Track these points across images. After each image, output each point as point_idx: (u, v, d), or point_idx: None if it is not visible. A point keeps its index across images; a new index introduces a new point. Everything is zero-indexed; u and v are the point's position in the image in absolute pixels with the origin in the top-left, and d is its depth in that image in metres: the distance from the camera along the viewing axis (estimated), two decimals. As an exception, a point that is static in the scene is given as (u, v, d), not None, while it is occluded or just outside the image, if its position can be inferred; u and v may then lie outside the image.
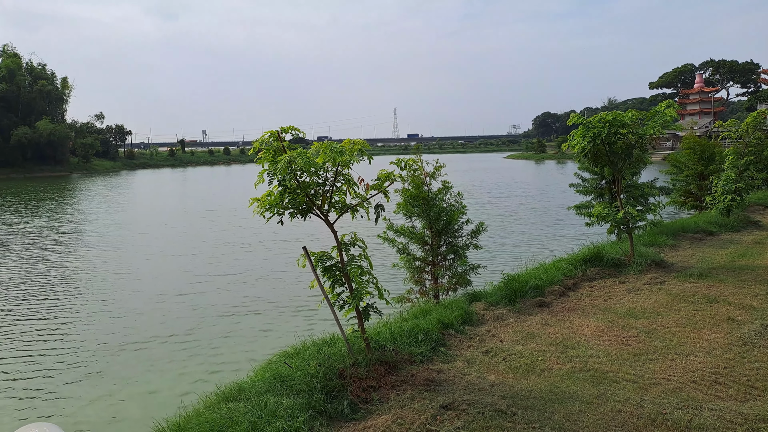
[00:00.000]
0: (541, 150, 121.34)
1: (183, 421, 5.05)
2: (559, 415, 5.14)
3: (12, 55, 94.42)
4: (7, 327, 12.29)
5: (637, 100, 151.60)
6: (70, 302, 14.17)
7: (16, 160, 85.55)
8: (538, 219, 27.84)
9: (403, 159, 6.21)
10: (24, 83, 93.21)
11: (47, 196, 47.98)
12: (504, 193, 42.09)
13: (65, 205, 39.93)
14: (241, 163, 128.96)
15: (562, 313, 8.39)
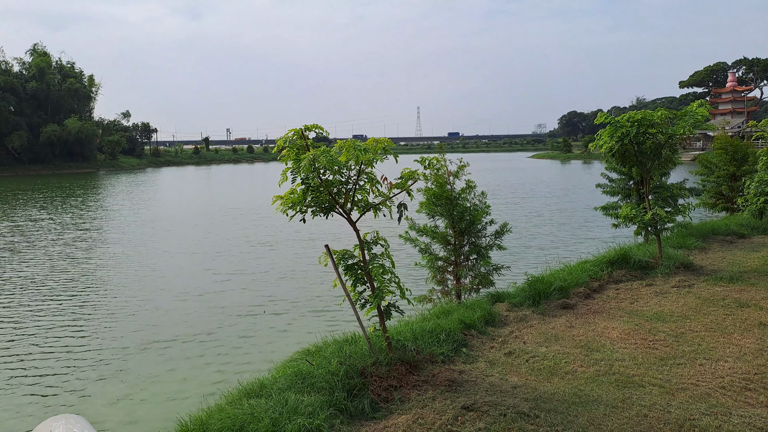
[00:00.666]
0: (567, 149, 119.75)
1: (205, 416, 5.11)
2: (583, 419, 5.05)
3: (42, 54, 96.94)
4: (31, 323, 12.60)
5: (667, 99, 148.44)
6: (94, 299, 14.46)
7: (45, 156, 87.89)
8: (565, 220, 27.43)
9: (427, 158, 6.17)
10: (53, 81, 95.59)
11: (72, 192, 49.11)
12: (529, 194, 41.59)
13: (90, 202, 40.83)
14: (264, 161, 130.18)
15: (587, 316, 8.25)
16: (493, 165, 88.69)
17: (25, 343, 11.30)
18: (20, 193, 48.45)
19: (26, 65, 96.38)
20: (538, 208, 32.53)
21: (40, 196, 45.95)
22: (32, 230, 26.65)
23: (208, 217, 30.95)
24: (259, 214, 31.76)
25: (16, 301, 14.26)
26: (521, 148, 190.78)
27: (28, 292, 15.34)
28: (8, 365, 10.22)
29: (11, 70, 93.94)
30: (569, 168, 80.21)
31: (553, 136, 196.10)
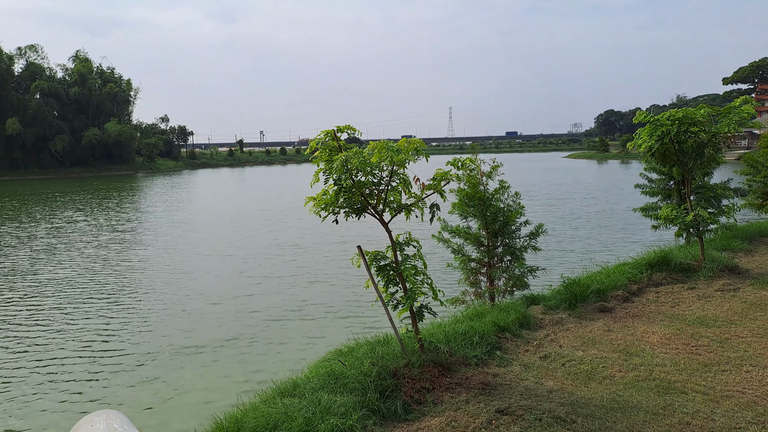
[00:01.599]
0: (604, 149, 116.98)
1: (240, 414, 5.18)
2: (622, 425, 4.91)
3: (84, 60, 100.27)
4: (66, 325, 12.96)
5: (709, 96, 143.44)
6: (128, 302, 14.60)
7: (86, 159, 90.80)
8: (603, 222, 26.75)
9: (460, 159, 6.12)
10: (94, 86, 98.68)
11: (109, 194, 50.49)
12: (566, 195, 40.74)
13: (126, 204, 41.90)
14: (297, 162, 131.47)
15: (626, 319, 8.03)
16: (527, 165, 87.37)
17: (61, 343, 11.64)
18: (59, 195, 50.21)
19: (69, 71, 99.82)
20: (575, 210, 31.88)
21: (78, 197, 47.43)
22: (69, 232, 27.48)
23: (241, 219, 31.41)
24: (291, 216, 32.10)
25: (50, 303, 14.65)
26: (556, 147, 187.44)
27: (63, 294, 15.83)
28: (47, 365, 10.57)
29: (55, 76, 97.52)
30: (606, 168, 78.38)
31: (589, 136, 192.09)
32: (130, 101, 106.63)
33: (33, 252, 22.34)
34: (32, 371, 10.20)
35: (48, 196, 49.72)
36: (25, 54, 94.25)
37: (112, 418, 4.66)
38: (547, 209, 31.99)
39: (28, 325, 12.84)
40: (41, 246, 23.57)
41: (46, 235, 26.61)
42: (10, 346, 11.50)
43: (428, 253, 6.93)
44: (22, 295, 15.60)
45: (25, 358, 10.85)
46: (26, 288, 16.41)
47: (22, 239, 25.59)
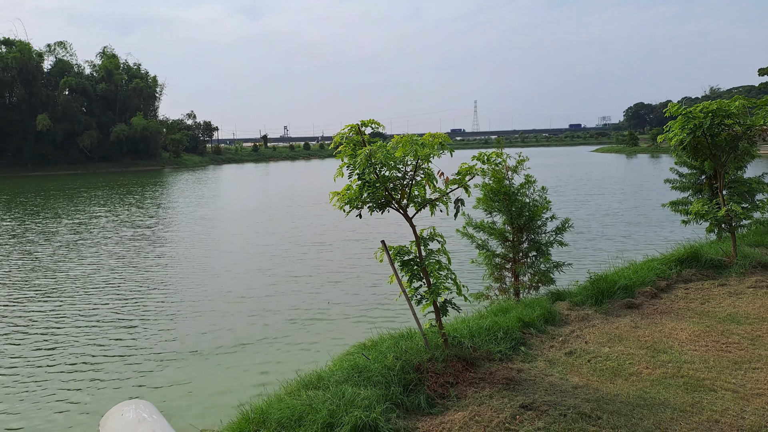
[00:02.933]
0: (633, 143, 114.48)
1: (265, 406, 5.27)
2: (649, 422, 4.84)
3: (110, 56, 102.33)
4: (93, 321, 13.28)
5: (744, 88, 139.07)
6: (154, 299, 14.77)
7: (114, 155, 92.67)
8: (632, 218, 26.24)
9: (485, 153, 6.09)
10: (121, 82, 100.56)
11: (133, 189, 51.47)
12: (594, 190, 40.05)
13: (150, 200, 42.65)
14: (320, 158, 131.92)
15: (654, 316, 7.89)
16: (554, 160, 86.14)
17: (90, 338, 11.94)
18: (84, 190, 51.40)
19: (96, 67, 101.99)
20: (602, 205, 31.36)
21: (100, 193, 48.42)
22: (93, 228, 28.04)
23: (265, 215, 31.73)
24: (314, 212, 32.33)
25: (80, 298, 14.93)
26: (584, 141, 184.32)
27: (91, 290, 16.26)
28: (77, 359, 10.90)
29: (83, 72, 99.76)
30: (636, 162, 76.77)
31: (618, 129, 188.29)
32: (156, 97, 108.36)
33: (62, 248, 22.99)
34: (63, 364, 10.53)
35: (76, 191, 50.93)
36: (54, 51, 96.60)
37: (141, 407, 4.80)
38: (574, 205, 31.55)
39: (57, 321, 13.24)
40: (70, 242, 24.21)
41: (68, 232, 27.23)
42: (40, 341, 11.87)
43: (452, 248, 6.91)
44: (50, 291, 16.08)
45: (55, 352, 11.21)
46: (53, 284, 16.91)
47: (48, 235, 26.34)
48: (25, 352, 10.97)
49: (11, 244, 23.16)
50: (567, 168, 66.26)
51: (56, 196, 45.72)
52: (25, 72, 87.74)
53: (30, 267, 18.93)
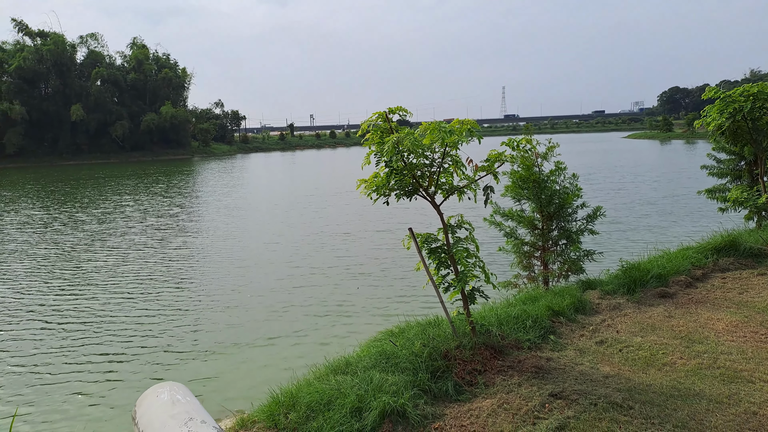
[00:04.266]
0: (668, 128, 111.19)
1: (295, 389, 5.34)
2: (683, 413, 4.74)
3: (140, 47, 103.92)
4: (126, 310, 13.64)
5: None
6: (179, 290, 14.94)
7: (145, 144, 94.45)
8: (667, 206, 25.57)
9: (515, 139, 5.99)
10: (151, 72, 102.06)
11: (156, 179, 52.32)
12: (627, 177, 39.03)
13: (178, 189, 43.34)
14: (346, 146, 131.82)
15: (689, 305, 7.70)
16: (585, 147, 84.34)
17: (125, 326, 12.29)
18: (112, 179, 52.50)
19: (127, 58, 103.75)
20: (635, 193, 30.65)
21: (129, 182, 49.33)
22: (119, 217, 28.56)
23: (292, 204, 31.92)
24: (339, 201, 32.43)
25: (98, 291, 15.10)
26: (615, 127, 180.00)
27: (123, 278, 16.65)
28: (111, 346, 11.23)
29: (114, 63, 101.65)
30: (669, 149, 74.66)
31: (651, 115, 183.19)
32: (185, 87, 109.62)
33: (88, 237, 23.62)
34: (99, 351, 10.86)
35: (106, 179, 52.11)
36: (86, 42, 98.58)
37: (175, 389, 4.92)
38: (605, 193, 30.91)
39: (85, 312, 13.64)
40: (95, 231, 24.83)
41: (92, 220, 27.84)
42: (74, 330, 12.25)
43: (480, 237, 6.85)
44: (76, 281, 16.55)
45: (84, 341, 11.55)
46: (81, 274, 17.39)
47: (76, 224, 27.07)
48: (54, 342, 11.33)
49: (40, 233, 23.80)
50: (598, 155, 64.87)
51: (85, 185, 46.87)
52: (60, 63, 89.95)
53: (58, 256, 19.51)
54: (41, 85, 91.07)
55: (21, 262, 18.28)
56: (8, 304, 13.69)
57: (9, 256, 19.42)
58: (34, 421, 8.02)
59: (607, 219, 12.60)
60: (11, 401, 8.57)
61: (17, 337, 11.35)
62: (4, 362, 10.05)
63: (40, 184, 48.72)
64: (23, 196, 39.35)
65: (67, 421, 7.90)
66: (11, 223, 27.03)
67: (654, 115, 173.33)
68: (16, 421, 7.98)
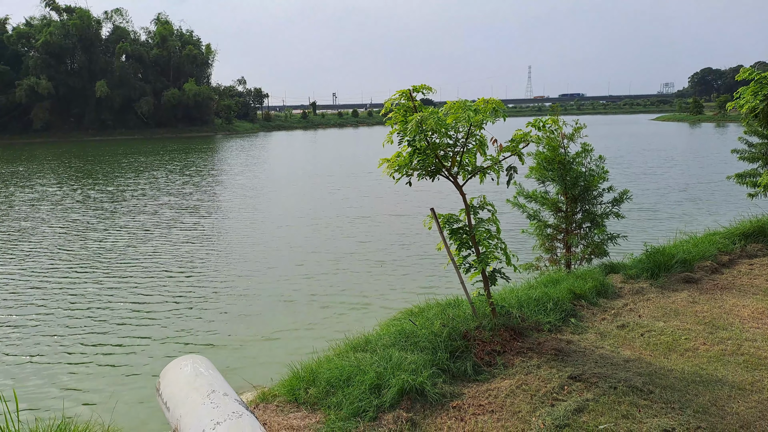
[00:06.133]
0: (698, 111, 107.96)
1: (315, 365, 5.42)
2: (704, 399, 4.70)
3: (164, 23, 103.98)
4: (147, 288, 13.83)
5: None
6: (197, 272, 14.75)
7: (169, 121, 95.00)
8: (694, 190, 24.98)
9: (541, 119, 5.89)
10: (174, 48, 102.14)
11: (174, 156, 52.82)
12: (654, 161, 38.04)
13: (200, 167, 43.68)
14: (368, 125, 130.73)
15: (714, 291, 7.58)
16: (612, 130, 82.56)
17: (146, 304, 12.54)
18: (132, 155, 53.19)
19: (151, 34, 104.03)
20: (662, 177, 30.00)
21: (148, 159, 49.89)
22: (140, 194, 28.97)
23: (309, 185, 31.86)
24: (359, 182, 32.39)
25: (114, 270, 15.14)
26: (644, 109, 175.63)
27: (149, 256, 16.96)
28: (127, 321, 11.49)
29: (138, 39, 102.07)
30: (699, 132, 72.72)
31: (681, 96, 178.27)
32: (208, 64, 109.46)
33: (106, 215, 24.04)
34: (123, 324, 11.13)
35: (128, 155, 52.78)
36: (111, 18, 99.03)
37: (198, 362, 5.02)
38: (632, 176, 30.32)
39: (105, 290, 13.96)
40: (108, 209, 25.23)
41: (118, 198, 28.25)
42: (99, 308, 12.55)
43: (502, 218, 6.81)
44: (93, 261, 16.90)
45: (106, 317, 11.85)
46: (104, 254, 17.74)
47: (92, 202, 27.56)
48: (81, 318, 11.63)
49: (56, 211, 24.20)
50: (625, 138, 63.51)
51: (110, 162, 47.47)
52: (85, 39, 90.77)
53: (76, 235, 19.94)
54: (67, 60, 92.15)
55: (42, 237, 18.77)
56: (33, 279, 14.10)
57: (36, 229, 19.94)
58: (62, 391, 8.29)
59: (633, 203, 12.38)
60: (37, 373, 8.85)
61: (46, 312, 11.70)
62: (31, 335, 10.36)
63: (59, 160, 49.58)
64: (38, 172, 39.90)
65: (94, 393, 8.15)
66: (26, 199, 27.68)
67: (684, 97, 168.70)
68: (44, 393, 8.26)
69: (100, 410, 7.34)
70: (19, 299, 12.25)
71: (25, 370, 8.84)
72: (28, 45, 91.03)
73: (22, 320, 11.00)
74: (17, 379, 8.56)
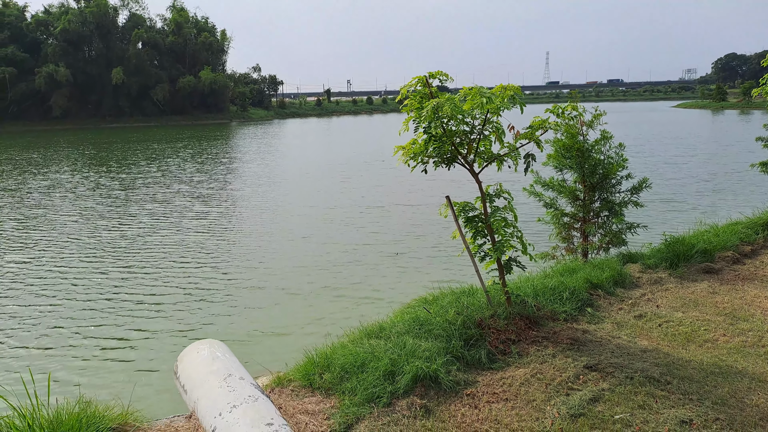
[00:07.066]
0: (721, 98, 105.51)
1: (330, 351, 5.44)
2: (723, 390, 4.63)
3: (179, 10, 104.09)
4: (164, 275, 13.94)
5: None
6: (210, 261, 14.73)
7: (185, 108, 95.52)
8: (717, 180, 24.49)
9: (560, 106, 5.78)
10: (190, 35, 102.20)
11: (186, 144, 53.09)
12: (675, 150, 37.33)
13: (215, 155, 43.86)
14: (383, 112, 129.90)
15: (735, 282, 7.45)
16: (631, 117, 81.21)
17: (163, 290, 12.70)
18: (142, 143, 53.64)
19: (166, 21, 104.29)
20: (683, 166, 29.46)
21: (178, 145, 50.22)
22: (152, 183, 29.22)
23: (322, 173, 31.73)
24: (371, 170, 32.30)
25: (132, 258, 15.56)
26: (664, 96, 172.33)
27: (166, 243, 17.12)
28: (143, 304, 11.64)
29: (154, 26, 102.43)
30: (722, 119, 71.17)
31: (704, 83, 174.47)
32: (224, 51, 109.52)
33: (118, 203, 24.30)
34: (140, 307, 11.29)
35: (143, 143, 53.25)
36: (128, 5, 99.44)
37: (215, 346, 5.08)
38: (652, 165, 29.83)
39: (123, 277, 14.13)
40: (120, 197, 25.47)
41: (134, 185, 28.41)
42: (111, 297, 12.72)
43: (518, 207, 6.74)
44: (107, 247, 17.10)
45: (132, 299, 12.01)
46: (122, 241, 17.96)
47: (106, 189, 27.86)
48: (100, 301, 11.80)
49: (68, 199, 24.38)
50: (645, 126, 62.44)
51: (123, 149, 47.87)
52: (102, 26, 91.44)
53: (87, 223, 20.19)
54: (85, 47, 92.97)
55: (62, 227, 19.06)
56: (42, 268, 14.35)
57: (46, 217, 20.27)
58: (81, 374, 8.45)
59: (652, 192, 12.18)
60: (56, 356, 9.01)
61: (67, 297, 11.91)
62: (49, 320, 10.53)
63: (74, 147, 50.14)
64: (54, 159, 40.32)
65: (110, 379, 8.28)
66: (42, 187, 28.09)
67: (707, 83, 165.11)
68: (65, 375, 8.42)
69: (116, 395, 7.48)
70: (28, 289, 12.39)
71: (37, 360, 8.89)
72: (46, 32, 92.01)
73: (33, 309, 11.10)
74: (33, 370, 8.56)
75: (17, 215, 20.27)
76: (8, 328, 10.09)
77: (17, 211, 21.08)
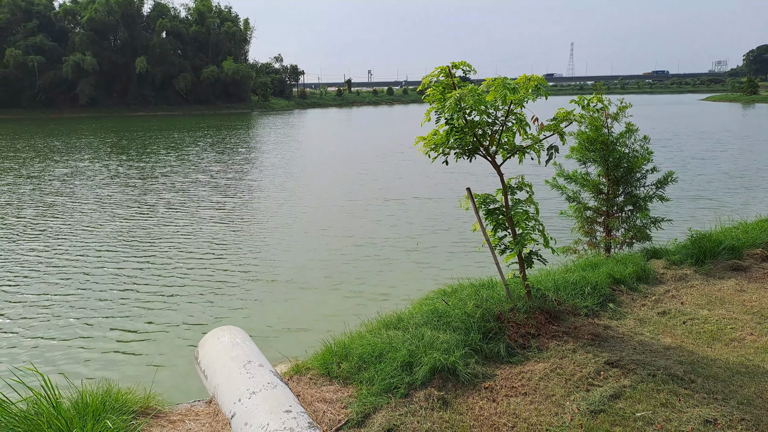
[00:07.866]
0: (752, 91, 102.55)
1: (348, 341, 5.46)
2: (750, 390, 4.53)
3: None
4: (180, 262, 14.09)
5: None
6: (227, 252, 14.67)
7: (207, 97, 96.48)
8: (749, 175, 23.81)
9: (585, 97, 5.67)
10: (213, 25, 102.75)
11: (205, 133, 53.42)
12: (704, 144, 36.31)
13: (236, 144, 44.14)
14: (404, 103, 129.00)
15: (764, 280, 7.26)
16: (657, 111, 79.47)
17: (182, 281, 12.86)
18: (164, 131, 54.21)
19: (190, 10, 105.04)
20: (712, 162, 28.74)
21: (198, 135, 50.67)
22: (169, 170, 29.48)
23: (344, 164, 31.79)
24: (392, 162, 32.20)
25: (147, 246, 15.66)
26: (693, 89, 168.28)
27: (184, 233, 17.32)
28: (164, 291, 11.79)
29: (178, 15, 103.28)
30: (753, 113, 69.24)
31: (735, 75, 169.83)
32: (246, 41, 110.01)
33: (136, 191, 24.64)
34: (160, 294, 11.46)
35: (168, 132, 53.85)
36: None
37: (235, 333, 5.13)
38: (679, 160, 29.18)
39: (140, 267, 14.32)
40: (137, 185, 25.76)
41: (153, 174, 28.75)
42: (130, 286, 12.91)
43: (540, 200, 6.66)
44: (129, 235, 17.35)
45: (151, 286, 12.19)
46: (142, 230, 18.21)
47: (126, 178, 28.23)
48: (104, 295, 11.93)
49: (86, 188, 24.90)
50: (672, 119, 61.09)
51: (143, 138, 48.45)
52: (127, 15, 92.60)
53: (103, 212, 20.50)
54: (110, 36, 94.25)
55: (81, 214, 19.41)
56: (60, 258, 14.63)
57: (65, 206, 20.66)
58: (97, 364, 8.58)
59: (679, 188, 11.94)
60: (71, 347, 9.14)
61: (81, 288, 12.15)
62: (63, 309, 10.68)
63: (96, 135, 50.89)
64: (75, 147, 40.94)
65: (129, 366, 8.42)
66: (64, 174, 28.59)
67: (738, 75, 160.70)
68: (86, 362, 8.58)
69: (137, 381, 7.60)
70: (44, 277, 12.51)
71: (56, 350, 8.97)
72: (73, 22, 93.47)
73: (48, 298, 11.21)
74: (50, 359, 8.63)
75: (37, 203, 20.63)
76: (22, 317, 10.18)
77: (38, 199, 21.48)
